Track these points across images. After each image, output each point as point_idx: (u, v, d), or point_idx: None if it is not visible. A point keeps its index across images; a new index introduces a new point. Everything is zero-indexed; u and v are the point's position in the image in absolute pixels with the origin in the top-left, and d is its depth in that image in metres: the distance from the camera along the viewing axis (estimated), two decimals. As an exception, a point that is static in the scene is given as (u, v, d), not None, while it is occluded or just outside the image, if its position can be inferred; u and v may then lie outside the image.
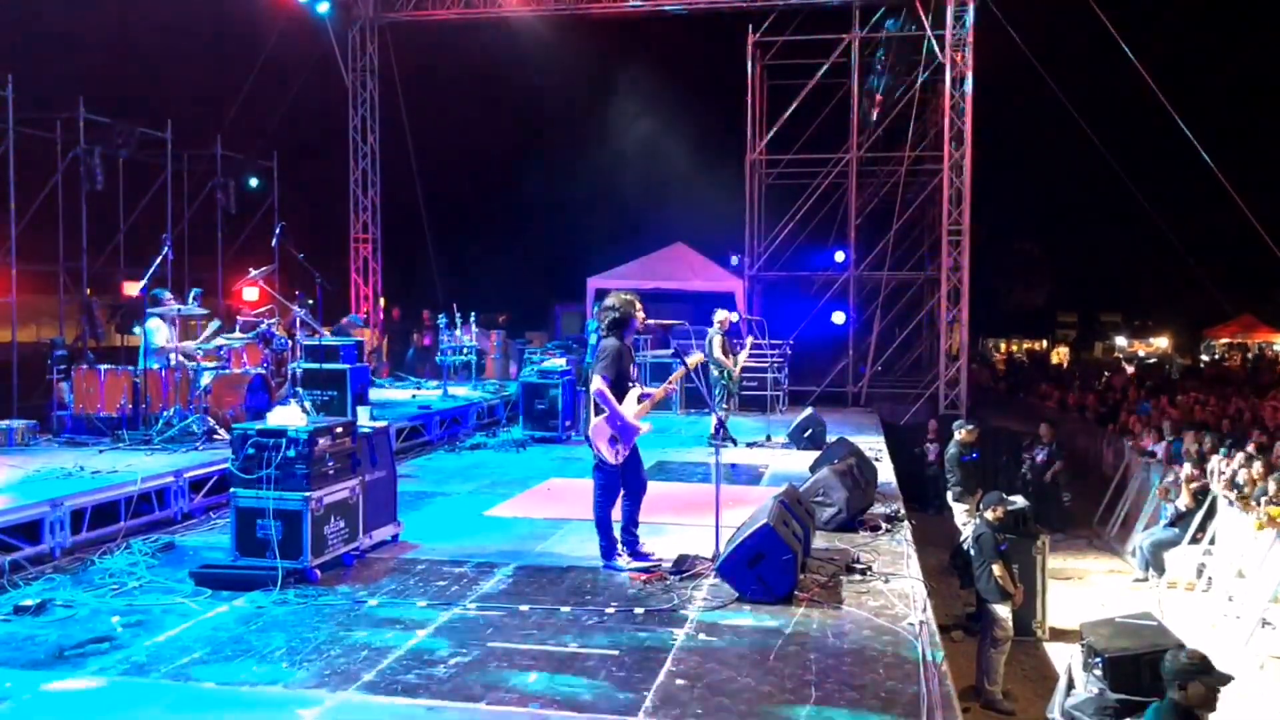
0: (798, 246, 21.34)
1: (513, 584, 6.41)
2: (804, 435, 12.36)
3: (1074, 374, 30.35)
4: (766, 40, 20.29)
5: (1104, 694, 7.20)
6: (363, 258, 21.37)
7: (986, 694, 9.73)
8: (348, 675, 4.85)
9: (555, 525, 8.04)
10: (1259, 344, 39.96)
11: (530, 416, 12.98)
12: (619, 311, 6.75)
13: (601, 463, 6.64)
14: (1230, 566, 12.18)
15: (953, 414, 17.20)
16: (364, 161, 21.25)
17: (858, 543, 7.51)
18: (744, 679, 4.80)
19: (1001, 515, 10.17)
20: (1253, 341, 40.21)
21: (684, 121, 25.77)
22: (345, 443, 6.76)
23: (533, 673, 4.87)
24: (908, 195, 20.51)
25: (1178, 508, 13.17)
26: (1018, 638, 10.19)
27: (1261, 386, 21.51)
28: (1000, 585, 9.70)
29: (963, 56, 17.94)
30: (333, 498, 6.54)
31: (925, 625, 5.59)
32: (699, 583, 6.35)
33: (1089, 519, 16.72)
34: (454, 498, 9.35)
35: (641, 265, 22.06)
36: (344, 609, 5.87)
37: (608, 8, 19.55)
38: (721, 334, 12.27)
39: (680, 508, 8.47)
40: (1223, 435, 14.76)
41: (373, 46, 21.01)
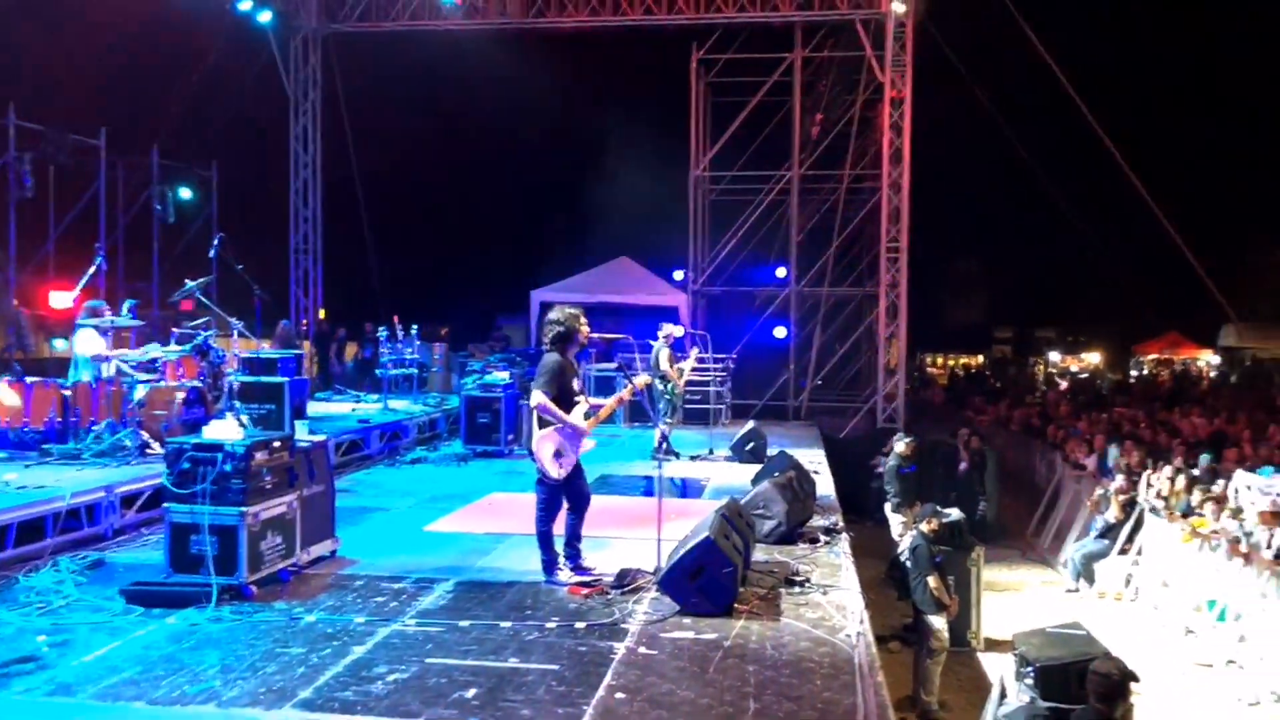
0: (741, 262, 21.56)
1: (453, 599, 6.38)
2: (746, 448, 12.46)
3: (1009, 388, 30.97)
4: (710, 58, 20.51)
5: (1035, 702, 7.35)
6: (303, 269, 21.12)
7: (922, 704, 9.89)
8: (284, 693, 4.78)
9: (496, 540, 8.01)
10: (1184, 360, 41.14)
11: (472, 430, 12.90)
12: (563, 326, 6.75)
13: (544, 477, 6.64)
14: (1156, 577, 12.53)
15: (891, 427, 17.47)
16: (305, 172, 21.02)
17: (797, 555, 7.60)
18: (684, 692, 4.84)
19: (937, 528, 10.36)
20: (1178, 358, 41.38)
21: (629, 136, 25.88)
22: (283, 457, 6.67)
23: (472, 689, 4.85)
24: (848, 213, 20.82)
25: (1107, 520, 13.51)
26: (953, 648, 10.37)
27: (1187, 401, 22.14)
28: (936, 597, 9.88)
29: (901, 77, 18.30)
30: (270, 513, 6.45)
31: (862, 636, 5.68)
32: (640, 596, 6.38)
33: (1022, 531, 17.06)
34: (394, 513, 9.27)
35: (586, 279, 22.10)
36: (280, 625, 5.80)
37: (554, 22, 19.60)
38: (667, 348, 12.35)
39: (623, 521, 8.49)
40: (1150, 449, 15.18)
41: (315, 57, 20.82)
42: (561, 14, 19.46)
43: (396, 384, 15.58)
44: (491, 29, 20.01)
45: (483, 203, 30.37)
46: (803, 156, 20.52)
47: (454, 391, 16.52)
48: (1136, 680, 6.12)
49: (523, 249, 29.88)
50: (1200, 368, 38.67)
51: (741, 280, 21.49)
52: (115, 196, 17.22)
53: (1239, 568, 10.53)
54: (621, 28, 19.61)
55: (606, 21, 19.32)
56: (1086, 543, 13.90)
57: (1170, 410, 19.99)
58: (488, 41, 20.54)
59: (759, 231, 21.10)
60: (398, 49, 21.46)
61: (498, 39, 20.48)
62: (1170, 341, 40.27)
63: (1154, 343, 41.02)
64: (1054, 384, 33.47)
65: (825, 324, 20.85)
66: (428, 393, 16.74)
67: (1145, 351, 42.53)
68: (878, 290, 19.22)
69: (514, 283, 24.48)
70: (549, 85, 24.89)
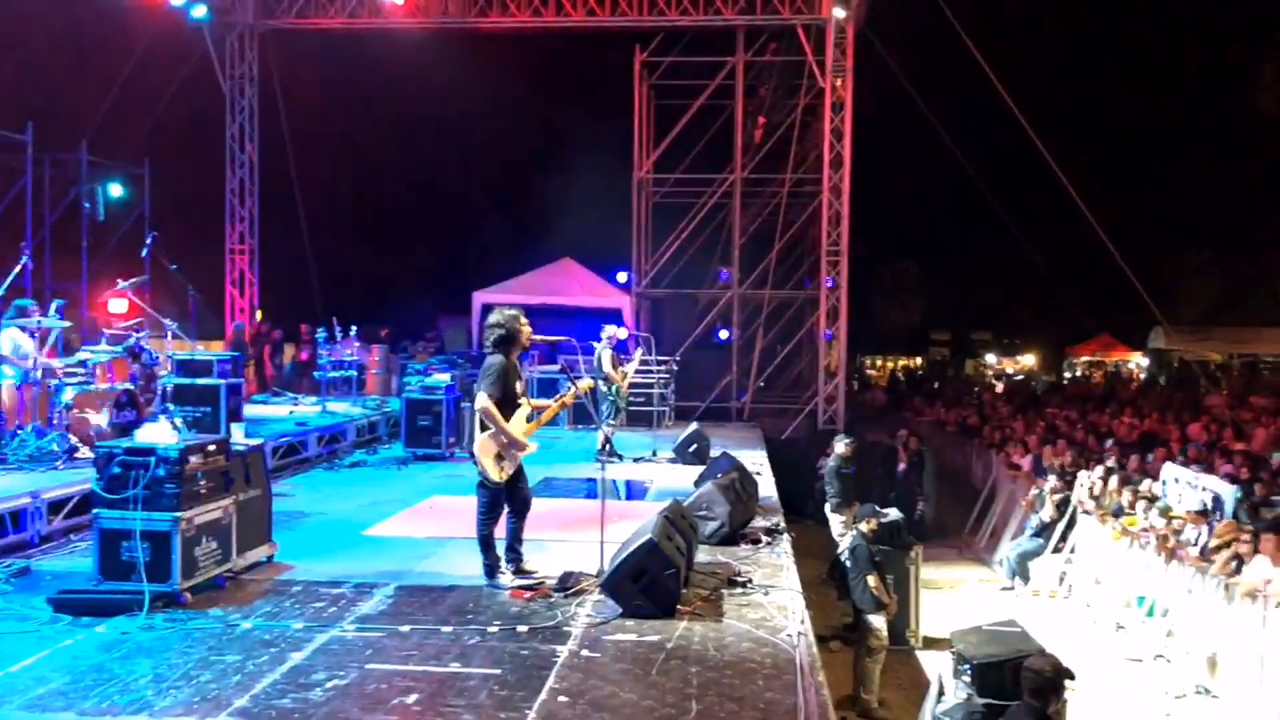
0: (684, 264, 21.62)
1: (393, 604, 6.31)
2: (689, 450, 12.50)
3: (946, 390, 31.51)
4: (654, 60, 20.56)
5: (972, 699, 7.48)
6: (239, 269, 20.73)
7: (862, 703, 10.00)
8: (219, 701, 4.69)
9: (437, 544, 7.94)
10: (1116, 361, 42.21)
11: (413, 433, 12.76)
12: (505, 328, 6.70)
13: (486, 480, 6.59)
14: (1089, 574, 12.83)
15: (831, 429, 17.65)
16: (241, 170, 20.63)
17: (739, 556, 7.64)
18: (626, 694, 4.83)
19: (876, 527, 10.50)
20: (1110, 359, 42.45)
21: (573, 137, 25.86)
22: (218, 461, 6.55)
23: (413, 694, 4.80)
24: (790, 216, 20.99)
25: (1042, 519, 13.80)
26: (892, 647, 10.51)
27: (1119, 402, 22.71)
28: (875, 596, 10.00)
29: (842, 82, 18.51)
30: (204, 518, 6.32)
31: (804, 636, 5.73)
32: (583, 599, 6.36)
33: (959, 530, 17.35)
34: (332, 517, 9.13)
35: (529, 280, 22.02)
36: (216, 633, 5.68)
37: (496, 22, 19.48)
38: (610, 349, 12.34)
39: (566, 524, 8.46)
40: (1082, 449, 15.55)
41: (252, 53, 20.44)
42: (504, 14, 19.34)
43: (335, 386, 15.37)
44: (433, 28, 19.81)
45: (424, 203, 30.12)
46: (745, 160, 20.66)
47: (394, 394, 16.35)
48: (1070, 677, 6.26)
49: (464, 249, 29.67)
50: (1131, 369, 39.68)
51: (685, 282, 21.57)
52: (42, 194, 16.71)
53: (1167, 565, 10.82)
54: (564, 29, 19.55)
55: (549, 22, 19.26)
56: (1021, 542, 14.18)
57: (1102, 411, 20.49)
58: (429, 40, 20.35)
59: (702, 234, 21.19)
60: (337, 46, 21.19)
61: (439, 38, 20.30)
62: (1102, 344, 41.28)
63: (1086, 345, 42.01)
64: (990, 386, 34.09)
65: (768, 326, 20.99)
66: (367, 395, 16.54)
67: (1078, 354, 43.55)
68: (819, 293, 19.42)
69: (455, 283, 24.30)
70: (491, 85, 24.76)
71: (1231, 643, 9.42)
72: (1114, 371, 39.09)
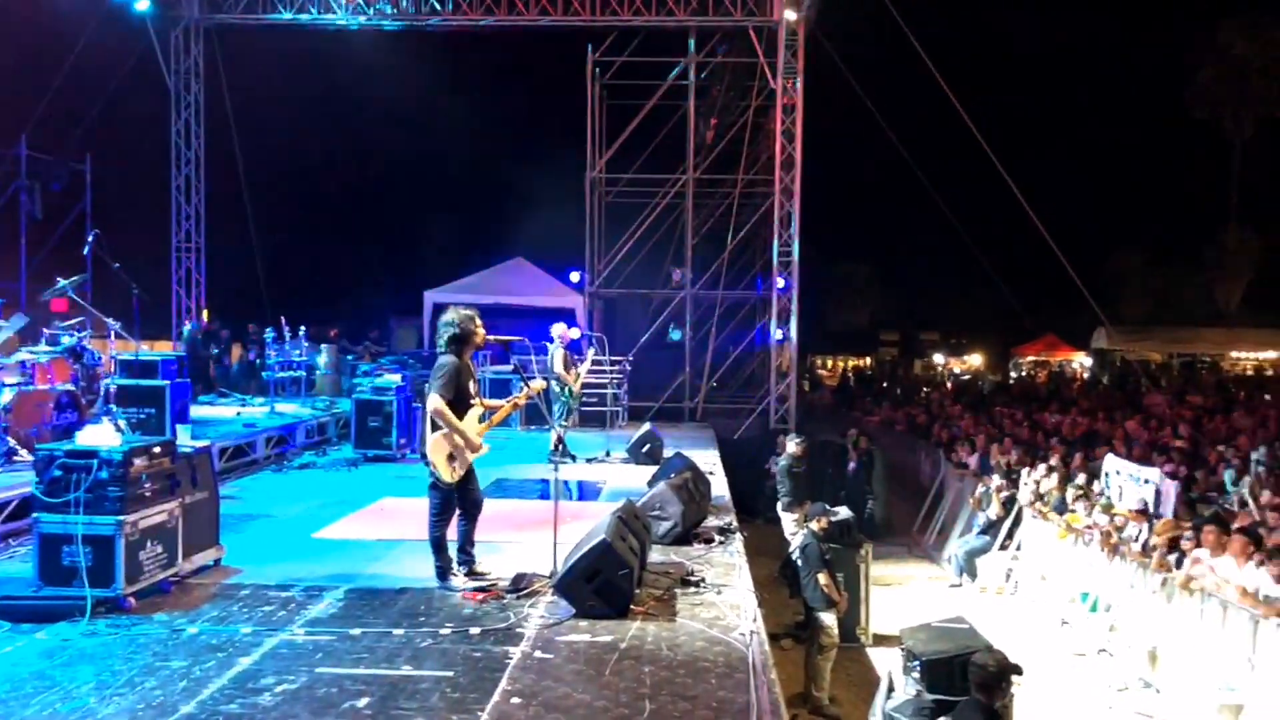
0: (637, 264, 21.65)
1: (343, 607, 6.24)
2: (642, 450, 12.52)
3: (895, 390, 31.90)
4: (606, 60, 20.56)
5: (921, 695, 7.58)
6: (185, 268, 20.37)
7: (814, 700, 10.08)
8: (164, 708, 4.61)
9: (388, 546, 7.87)
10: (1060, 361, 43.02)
11: (363, 434, 12.63)
12: (458, 328, 6.66)
13: (437, 481, 6.54)
14: (1034, 571, 13.06)
15: (783, 428, 17.78)
16: (187, 168, 20.27)
17: (692, 555, 7.67)
18: (580, 695, 4.83)
19: (826, 526, 10.59)
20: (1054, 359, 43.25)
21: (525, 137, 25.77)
22: (164, 463, 6.43)
23: (364, 698, 4.76)
24: (742, 217, 21.12)
25: (989, 517, 14.01)
26: (843, 644, 10.61)
27: (1063, 401, 23.15)
28: (826, 594, 10.09)
29: (793, 84, 18.64)
30: (149, 521, 6.21)
31: (756, 635, 5.76)
32: (536, 600, 6.34)
33: (908, 528, 17.56)
34: (281, 519, 9.02)
35: (481, 279, 21.90)
36: (161, 638, 5.58)
37: (447, 20, 19.34)
38: (562, 349, 12.32)
39: (518, 525, 8.43)
40: (1028, 447, 15.81)
41: (197, 49, 20.07)
42: (455, 13, 19.21)
43: (284, 387, 15.15)
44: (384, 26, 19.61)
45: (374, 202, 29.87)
46: (697, 160, 20.74)
47: (344, 394, 16.17)
48: (1017, 672, 6.36)
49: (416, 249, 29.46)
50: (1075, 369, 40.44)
51: (638, 282, 21.59)
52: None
53: (1110, 561, 11.05)
54: (516, 28, 19.47)
55: (501, 21, 19.16)
56: (969, 539, 14.38)
57: (1046, 410, 20.87)
58: (379, 38, 20.15)
59: (655, 234, 21.22)
60: (286, 43, 20.89)
61: (390, 35, 20.12)
62: (1047, 344, 42.04)
63: (1032, 345, 42.76)
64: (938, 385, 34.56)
65: (720, 326, 21.09)
66: (316, 396, 16.34)
67: (1024, 354, 44.31)
68: (770, 294, 19.54)
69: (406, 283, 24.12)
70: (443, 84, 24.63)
71: (1171, 636, 9.64)
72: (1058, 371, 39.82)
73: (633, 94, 20.93)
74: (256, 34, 20.27)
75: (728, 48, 20.77)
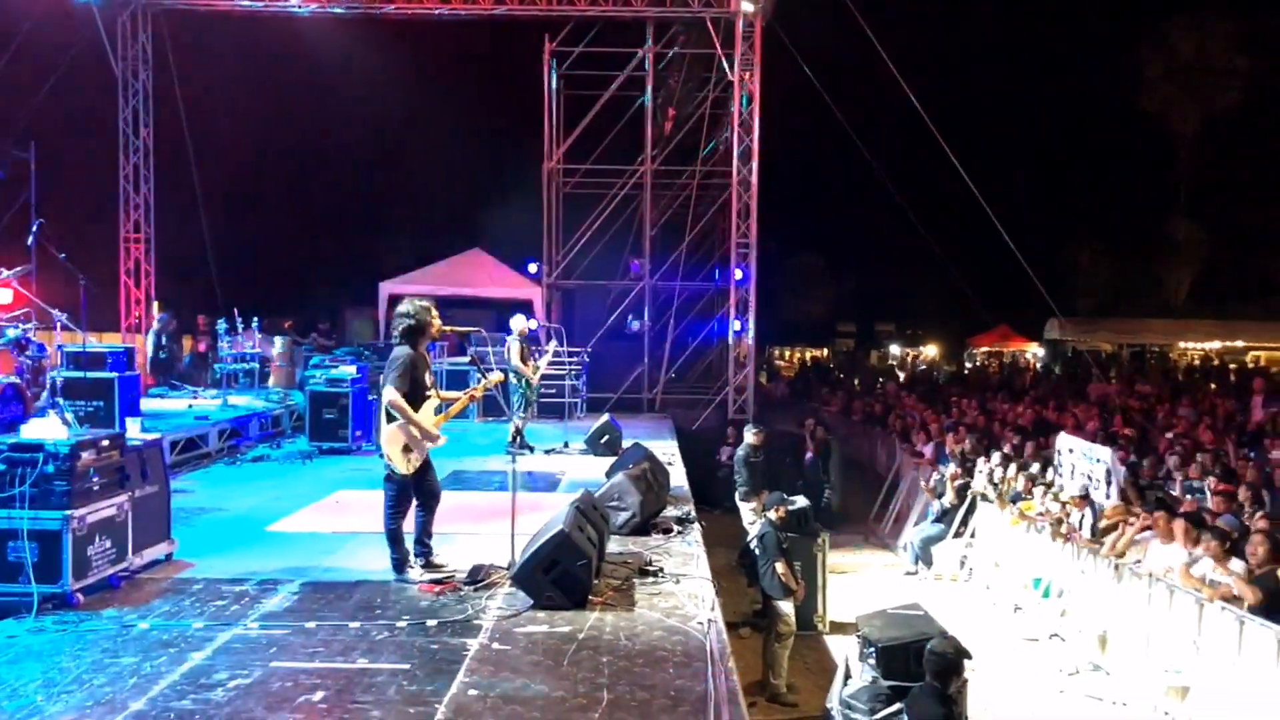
0: (595, 255, 21.61)
1: (298, 601, 6.18)
2: (601, 441, 12.51)
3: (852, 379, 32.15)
4: (563, 50, 20.46)
5: (877, 682, 7.65)
6: (134, 258, 19.99)
7: (772, 688, 10.14)
8: (113, 705, 4.53)
9: (344, 539, 7.80)
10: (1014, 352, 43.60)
11: (318, 426, 12.50)
12: (414, 319, 6.61)
13: (393, 473, 6.50)
14: (988, 558, 13.24)
15: (741, 418, 17.86)
16: (136, 156, 19.87)
17: (651, 545, 7.69)
18: (538, 686, 4.82)
19: (784, 515, 10.66)
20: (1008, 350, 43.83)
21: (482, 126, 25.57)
22: (113, 456, 6.33)
23: (319, 691, 4.72)
24: (699, 208, 21.14)
25: (943, 505, 14.18)
26: (800, 632, 10.68)
27: (1015, 391, 23.47)
28: (783, 582, 10.15)
29: (750, 75, 18.68)
30: (97, 516, 6.11)
31: (714, 624, 5.79)
32: (494, 592, 6.33)
33: (865, 516, 17.73)
34: (235, 513, 8.91)
35: (437, 270, 21.72)
36: (110, 634, 5.49)
37: (401, 8, 19.11)
38: (520, 341, 12.26)
39: (476, 516, 8.40)
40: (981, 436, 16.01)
41: (145, 34, 19.67)
42: (410, 1, 19.00)
43: (236, 379, 14.95)
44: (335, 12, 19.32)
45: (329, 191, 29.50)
46: (655, 151, 20.72)
47: (298, 386, 15.99)
48: (969, 657, 6.46)
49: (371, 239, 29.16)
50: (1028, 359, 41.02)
51: (596, 273, 21.55)
52: (-81, 178, 15.87)
53: (1061, 547, 11.24)
54: (472, 16, 19.29)
55: (456, 10, 18.98)
56: (924, 527, 14.55)
57: (1000, 399, 21.14)
58: (333, 25, 19.87)
59: (613, 225, 21.19)
60: (237, 28, 20.55)
61: (343, 23, 19.84)
62: (1001, 335, 42.55)
63: (986, 336, 43.27)
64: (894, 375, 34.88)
65: (679, 317, 21.12)
66: (270, 387, 16.13)
67: (978, 344, 44.85)
68: (728, 285, 19.60)
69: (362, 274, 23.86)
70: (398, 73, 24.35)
71: (1120, 620, 9.83)
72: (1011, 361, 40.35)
73: (590, 85, 20.87)
74: (206, 20, 19.93)
75: (685, 39, 20.75)
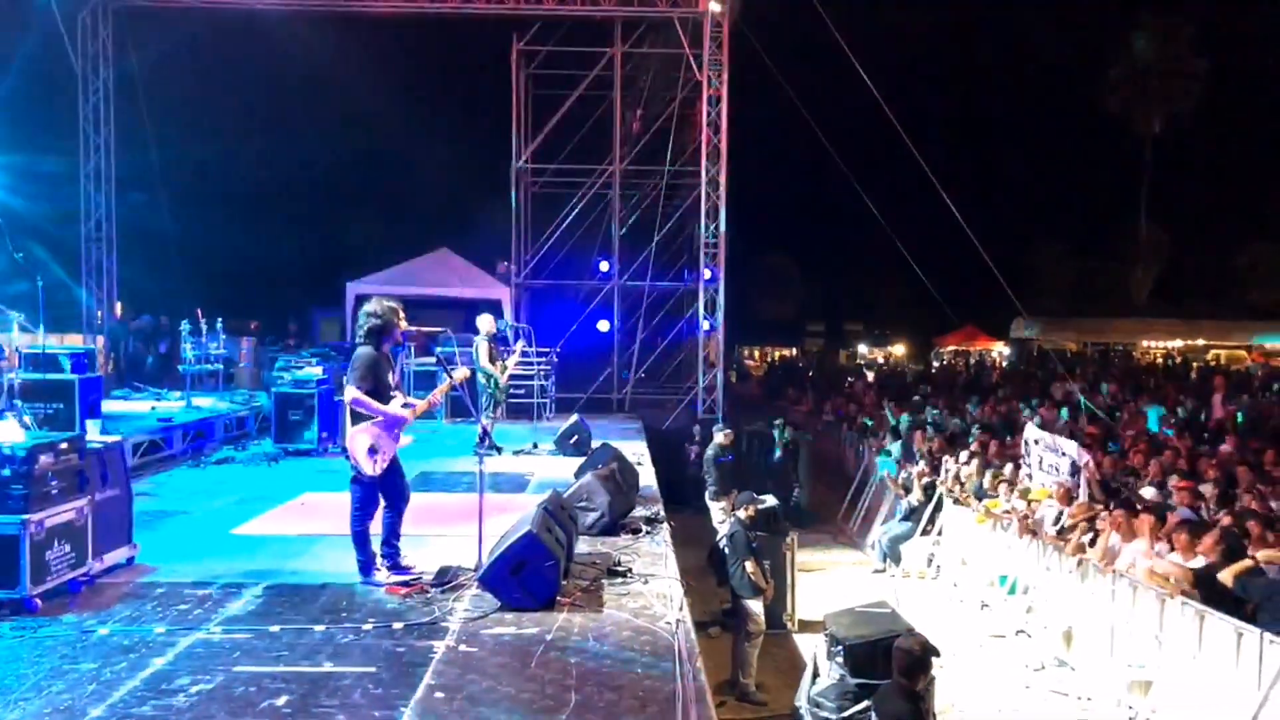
0: (564, 255, 21.57)
1: (262, 604, 6.11)
2: (570, 442, 12.49)
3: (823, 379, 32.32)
4: (531, 49, 20.40)
5: (845, 679, 7.69)
6: (96, 259, 19.69)
7: (741, 686, 10.16)
8: (72, 712, 4.46)
9: (310, 541, 7.72)
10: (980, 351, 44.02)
11: (284, 428, 12.38)
12: (379, 319, 6.56)
13: (359, 474, 6.44)
14: (955, 556, 13.35)
15: (711, 418, 17.89)
16: (97, 155, 19.56)
17: (619, 546, 7.67)
18: (505, 688, 4.80)
19: (753, 514, 10.68)
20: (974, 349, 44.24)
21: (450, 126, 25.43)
22: (72, 459, 6.23)
23: (283, 696, 4.66)
24: (668, 208, 21.15)
25: (910, 503, 14.28)
26: (770, 631, 10.70)
27: (982, 390, 23.68)
28: (753, 581, 10.17)
29: (718, 76, 18.71)
30: (56, 520, 6.01)
31: (682, 624, 5.78)
32: (461, 594, 6.28)
33: (833, 515, 17.82)
34: (198, 516, 8.80)
35: (405, 271, 21.57)
36: (70, 640, 5.40)
37: (367, 6, 18.97)
38: (488, 341, 12.21)
39: (444, 518, 8.34)
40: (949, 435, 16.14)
41: (106, 31, 19.38)
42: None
43: (201, 380, 14.78)
44: (301, 9, 19.13)
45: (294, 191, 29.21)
46: (624, 151, 20.71)
47: (263, 387, 15.84)
48: (937, 655, 6.49)
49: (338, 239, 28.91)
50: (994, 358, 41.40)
51: (565, 273, 21.51)
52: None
53: (1027, 544, 11.34)
54: (439, 15, 19.18)
55: (423, 8, 18.86)
56: (892, 525, 14.64)
57: (967, 398, 21.32)
58: (298, 22, 19.66)
59: (582, 225, 21.16)
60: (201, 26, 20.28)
61: (309, 20, 19.64)
62: (967, 334, 42.95)
63: (953, 335, 43.66)
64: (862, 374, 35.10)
65: (648, 317, 21.12)
66: (235, 389, 15.97)
67: (945, 343, 45.23)
68: (697, 285, 19.62)
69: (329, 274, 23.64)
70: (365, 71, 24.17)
71: (1084, 617, 9.94)
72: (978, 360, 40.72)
73: (558, 84, 20.82)
74: (168, 17, 19.65)
75: (653, 39, 20.76)
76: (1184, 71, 41.63)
